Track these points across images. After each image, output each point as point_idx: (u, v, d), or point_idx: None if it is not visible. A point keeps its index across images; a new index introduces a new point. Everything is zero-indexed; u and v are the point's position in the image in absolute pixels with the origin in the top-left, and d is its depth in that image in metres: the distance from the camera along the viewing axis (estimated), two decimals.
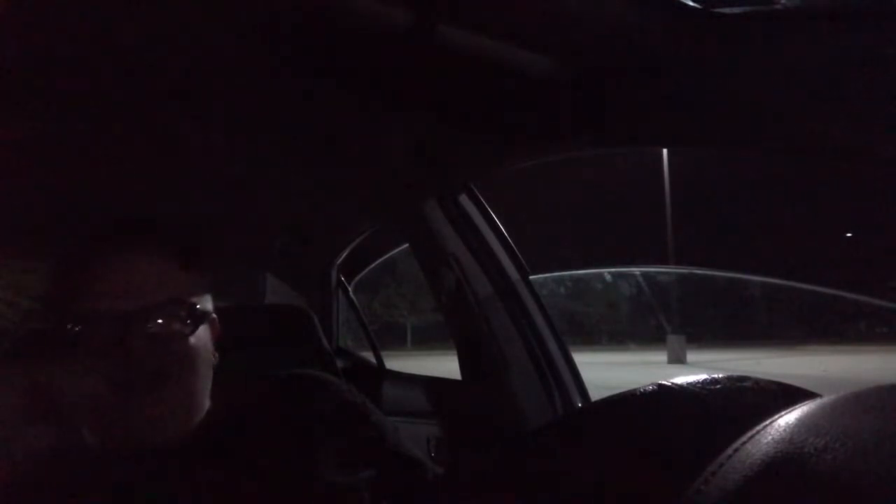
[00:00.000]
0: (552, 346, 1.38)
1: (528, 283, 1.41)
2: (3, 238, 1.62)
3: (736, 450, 0.30)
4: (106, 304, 0.68)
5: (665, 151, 14.85)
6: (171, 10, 0.74)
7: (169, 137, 1.14)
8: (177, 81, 0.92)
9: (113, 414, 0.69)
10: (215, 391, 0.81)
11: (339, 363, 1.70)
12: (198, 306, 0.74)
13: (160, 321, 0.70)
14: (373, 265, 2.22)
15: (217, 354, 0.81)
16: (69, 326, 0.68)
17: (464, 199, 1.39)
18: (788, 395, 0.44)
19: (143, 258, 0.72)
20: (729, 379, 0.46)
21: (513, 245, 1.42)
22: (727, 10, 0.61)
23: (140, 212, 1.32)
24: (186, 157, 1.26)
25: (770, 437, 0.29)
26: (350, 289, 2.16)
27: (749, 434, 0.31)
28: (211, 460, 0.73)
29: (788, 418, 0.30)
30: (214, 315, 0.81)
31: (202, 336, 0.75)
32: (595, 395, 1.25)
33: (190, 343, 0.73)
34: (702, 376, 0.47)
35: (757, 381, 0.46)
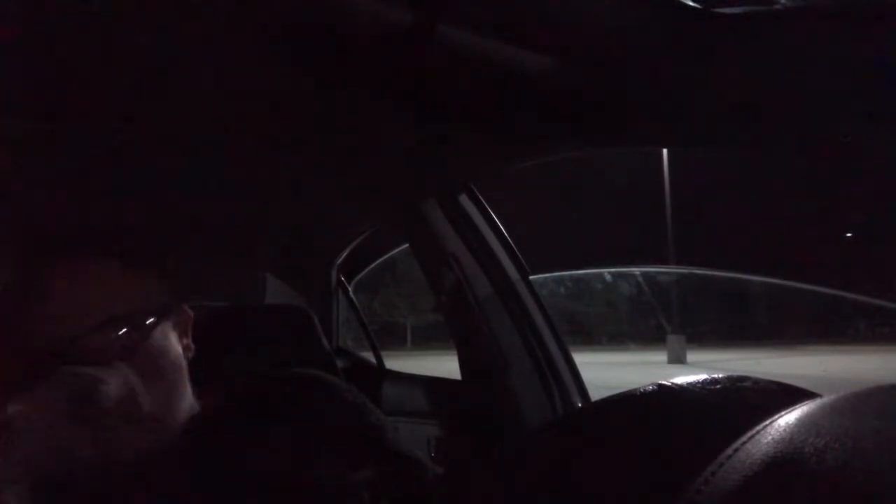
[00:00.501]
0: (552, 346, 1.38)
1: (528, 283, 1.41)
2: (4, 238, 1.62)
3: (736, 450, 0.30)
4: (48, 330, 0.63)
5: (665, 151, 14.85)
6: (170, 10, 0.74)
7: (168, 138, 1.14)
8: (176, 81, 0.92)
9: (73, 443, 0.63)
10: (215, 391, 0.81)
11: (339, 363, 1.70)
12: (146, 317, 0.69)
13: (105, 342, 0.65)
14: (373, 265, 2.22)
15: (192, 347, 0.78)
16: (14, 357, 0.63)
17: (464, 199, 1.39)
18: (788, 395, 0.44)
19: (83, 270, 0.68)
20: (729, 379, 0.46)
21: (513, 245, 1.42)
22: (727, 10, 0.61)
23: (121, 213, 1.31)
24: (186, 157, 1.26)
25: (770, 437, 0.29)
26: (350, 289, 2.16)
27: (749, 434, 0.30)
28: (209, 460, 0.73)
29: (788, 418, 0.30)
30: (183, 306, 0.78)
31: (158, 342, 0.71)
32: (595, 395, 1.25)
33: (142, 357, 0.68)
34: (702, 376, 0.47)
35: (757, 381, 0.46)
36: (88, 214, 1.42)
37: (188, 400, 0.77)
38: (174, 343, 0.75)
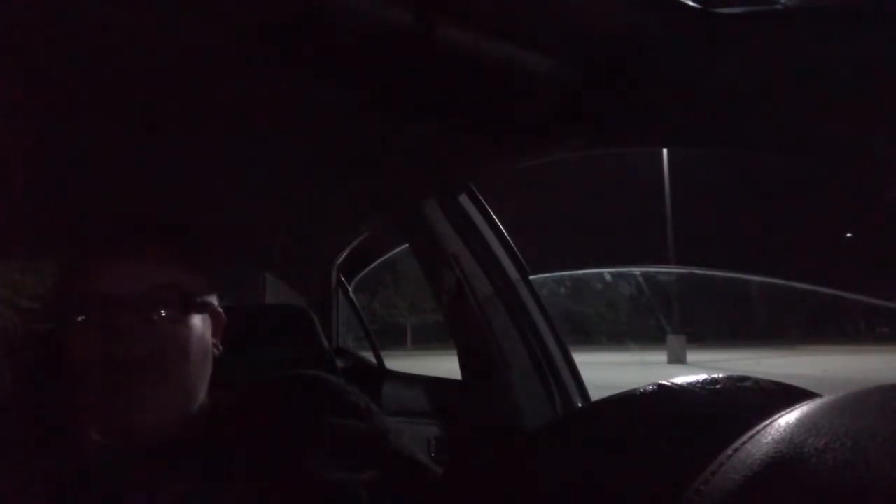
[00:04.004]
0: (552, 346, 1.38)
1: (528, 283, 1.41)
2: (3, 238, 1.63)
3: (736, 450, 0.30)
4: (98, 288, 0.71)
5: (665, 151, 14.84)
6: (170, 10, 0.74)
7: (168, 138, 1.14)
8: (176, 81, 0.92)
9: (106, 402, 0.70)
10: (216, 391, 0.81)
11: (339, 363, 1.70)
12: (194, 297, 0.76)
13: (150, 305, 0.72)
14: (373, 265, 2.22)
15: (220, 347, 0.83)
16: (65, 312, 0.71)
17: (464, 199, 1.39)
18: (788, 395, 0.44)
19: (142, 249, 0.76)
20: (729, 379, 0.46)
21: (513, 245, 1.42)
22: (727, 10, 0.61)
23: (141, 211, 1.33)
24: (186, 157, 1.26)
25: (770, 437, 0.29)
26: (350, 289, 2.16)
27: (749, 434, 0.30)
28: (210, 459, 0.73)
29: (788, 418, 0.30)
30: (221, 311, 0.84)
31: (197, 325, 0.77)
32: (595, 395, 1.25)
33: (180, 329, 0.74)
34: (702, 376, 0.47)
35: (757, 381, 0.46)
36: (100, 213, 1.42)
37: (205, 393, 0.79)
38: (207, 333, 0.80)
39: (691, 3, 0.62)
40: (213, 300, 0.83)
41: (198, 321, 0.77)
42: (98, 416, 0.72)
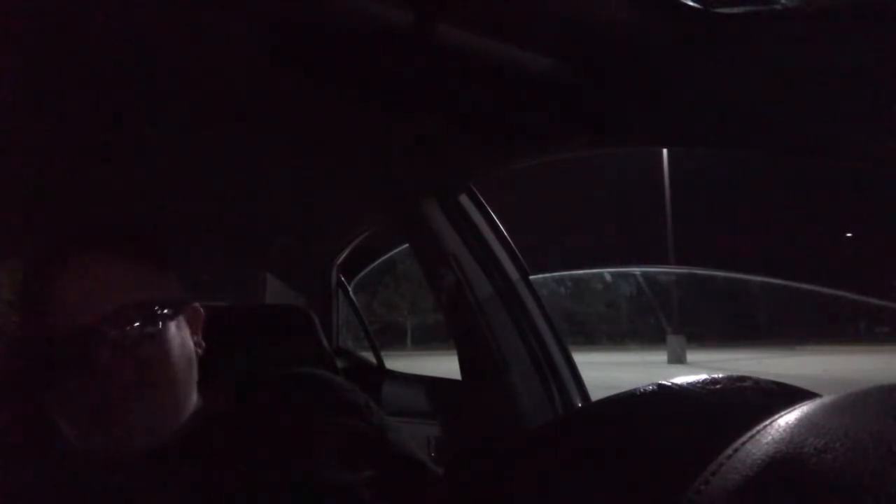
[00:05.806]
0: (552, 346, 1.38)
1: (528, 283, 1.41)
2: (3, 238, 1.63)
3: (736, 450, 0.30)
4: (66, 319, 0.67)
5: (665, 151, 14.85)
6: (170, 9, 0.74)
7: (169, 138, 1.14)
8: (177, 81, 0.92)
9: (91, 422, 0.68)
10: (215, 391, 0.81)
11: (339, 363, 1.70)
12: (163, 308, 0.72)
13: (122, 330, 0.68)
14: (373, 265, 2.22)
15: (203, 344, 0.80)
16: (39, 343, 0.68)
17: (464, 199, 1.39)
18: (788, 395, 0.44)
19: (98, 264, 0.71)
20: (729, 379, 0.46)
21: (513, 245, 1.42)
22: (727, 10, 0.61)
23: (122, 213, 1.32)
24: (186, 157, 1.26)
25: (770, 437, 0.29)
26: (350, 289, 2.16)
27: (749, 434, 0.30)
28: (208, 459, 0.73)
29: (788, 418, 0.30)
30: (196, 304, 0.81)
31: (174, 337, 0.73)
32: (595, 395, 1.25)
33: (158, 346, 0.71)
34: (702, 376, 0.47)
35: (757, 381, 0.46)
36: (100, 212, 1.42)
37: (195, 396, 0.77)
38: (187, 337, 0.77)
39: (691, 3, 0.62)
40: (185, 297, 0.79)
41: (174, 331, 0.73)
42: (86, 430, 0.70)
